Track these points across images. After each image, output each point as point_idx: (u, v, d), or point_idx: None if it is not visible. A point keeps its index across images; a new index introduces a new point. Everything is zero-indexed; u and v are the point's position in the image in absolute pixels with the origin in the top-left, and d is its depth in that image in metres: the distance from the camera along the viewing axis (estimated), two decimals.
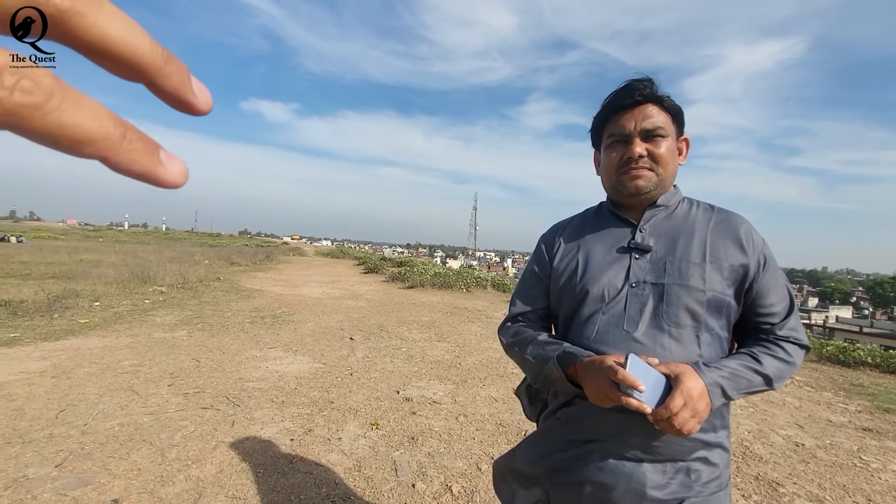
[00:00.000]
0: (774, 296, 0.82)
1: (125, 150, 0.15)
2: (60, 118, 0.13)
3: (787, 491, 2.21)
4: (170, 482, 1.97)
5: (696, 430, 0.72)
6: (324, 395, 3.14)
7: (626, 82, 0.85)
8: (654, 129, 0.82)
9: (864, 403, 3.62)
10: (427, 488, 2.07)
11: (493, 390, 3.44)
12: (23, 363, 3.47)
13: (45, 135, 0.13)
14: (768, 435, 2.88)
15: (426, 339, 5.10)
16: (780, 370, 0.79)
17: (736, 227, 0.84)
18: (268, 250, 22.43)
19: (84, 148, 0.14)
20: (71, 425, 2.46)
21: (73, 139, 0.14)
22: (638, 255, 0.85)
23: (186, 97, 0.17)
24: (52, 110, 0.13)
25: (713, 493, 0.80)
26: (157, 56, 0.16)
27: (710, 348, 0.80)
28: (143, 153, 0.15)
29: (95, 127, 0.14)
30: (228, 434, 2.46)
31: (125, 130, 0.15)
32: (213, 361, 3.79)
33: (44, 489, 1.86)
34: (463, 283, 10.02)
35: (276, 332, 5.05)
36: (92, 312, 5.51)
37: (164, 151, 0.16)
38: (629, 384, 0.68)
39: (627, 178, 0.84)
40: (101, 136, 0.14)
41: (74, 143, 0.14)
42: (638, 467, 0.78)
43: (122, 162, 0.15)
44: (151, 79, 0.16)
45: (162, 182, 0.16)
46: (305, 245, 53.97)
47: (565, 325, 0.91)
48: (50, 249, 16.23)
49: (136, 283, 7.87)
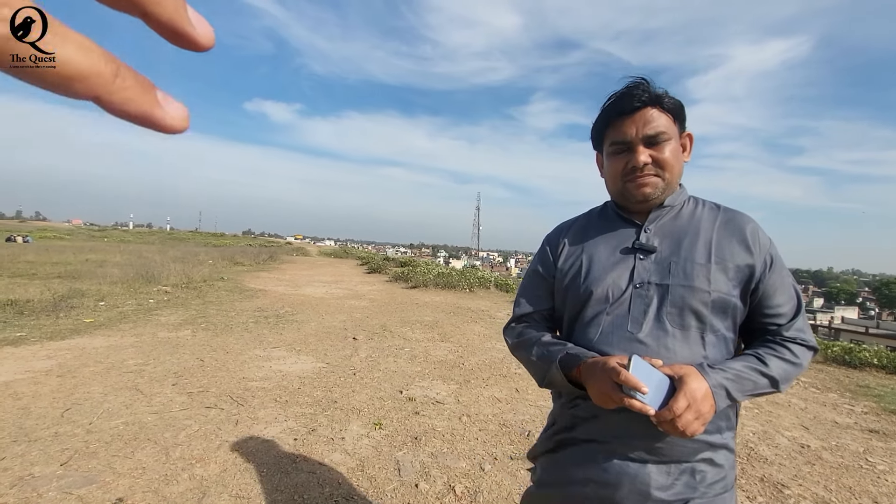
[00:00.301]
0: (781, 296, 0.81)
1: (119, 87, 0.14)
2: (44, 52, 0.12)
3: (792, 493, 2.20)
4: (174, 481, 1.98)
5: (700, 432, 0.72)
6: (327, 395, 3.14)
7: (624, 88, 0.84)
8: (657, 135, 0.81)
9: (871, 405, 3.59)
10: (430, 488, 2.07)
11: (496, 390, 3.44)
12: (29, 362, 3.50)
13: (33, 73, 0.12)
14: (773, 436, 2.86)
15: (429, 339, 5.10)
16: (786, 372, 0.78)
17: (742, 227, 0.83)
18: (271, 250, 22.50)
19: (74, 85, 0.13)
20: (76, 424, 2.47)
21: (63, 76, 0.13)
22: (642, 256, 0.84)
23: (183, 27, 0.15)
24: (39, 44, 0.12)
25: (718, 494, 0.79)
26: None
27: (715, 349, 0.79)
28: (139, 92, 0.14)
29: (86, 63, 0.13)
30: (232, 433, 2.47)
31: (117, 67, 0.14)
32: (217, 361, 3.81)
33: (49, 487, 1.88)
34: (466, 284, 10.02)
35: (280, 331, 5.06)
36: (97, 312, 5.55)
37: (160, 92, 0.15)
38: (632, 386, 0.68)
39: (634, 186, 0.84)
40: (92, 72, 0.13)
41: (65, 80, 0.13)
42: (642, 468, 0.78)
43: (116, 101, 0.14)
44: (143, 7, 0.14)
45: (161, 125, 0.15)
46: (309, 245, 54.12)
47: (569, 325, 0.90)
48: (55, 249, 16.35)
49: (141, 283, 7.91)
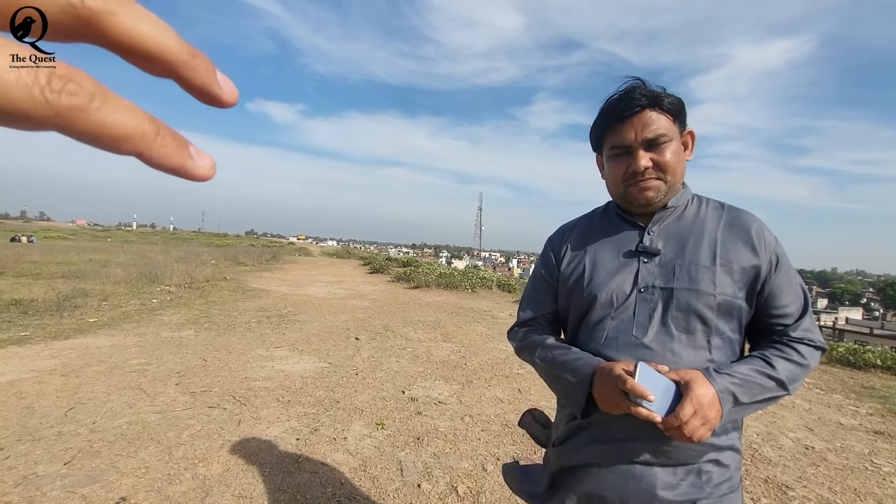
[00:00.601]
0: (787, 296, 0.80)
1: (159, 145, 0.16)
2: (102, 118, 0.14)
3: (796, 494, 2.19)
4: (177, 480, 1.99)
5: (707, 437, 0.71)
6: (329, 395, 3.14)
7: (621, 90, 0.82)
8: (657, 138, 0.80)
9: (876, 406, 3.57)
10: (432, 489, 2.06)
11: (498, 391, 3.43)
12: (33, 361, 3.51)
13: (88, 133, 0.14)
14: (777, 437, 2.84)
15: (431, 339, 5.09)
16: (793, 373, 0.78)
17: (747, 227, 0.82)
18: (274, 250, 22.55)
19: (122, 145, 0.15)
20: (80, 423, 2.48)
21: (113, 137, 0.15)
22: (646, 259, 0.83)
23: (213, 89, 0.18)
24: (95, 111, 0.14)
25: (724, 494, 0.79)
26: (184, 51, 0.16)
27: (721, 352, 0.79)
28: (175, 148, 0.16)
29: (132, 125, 0.15)
30: (235, 433, 2.47)
31: (158, 128, 0.16)
32: (220, 361, 3.82)
33: (53, 486, 1.88)
34: (468, 284, 10.01)
35: (282, 331, 5.07)
36: (100, 311, 5.57)
37: (193, 147, 0.17)
38: (638, 394, 0.68)
39: (636, 190, 0.82)
40: (137, 133, 0.15)
41: (114, 140, 0.15)
42: (648, 470, 0.78)
43: (157, 157, 0.16)
44: (179, 73, 0.17)
45: (192, 175, 0.17)
46: (311, 245, 54.21)
47: (574, 329, 0.90)
48: (60, 249, 16.43)
49: (144, 283, 7.94)
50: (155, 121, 0.16)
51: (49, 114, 0.13)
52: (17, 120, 0.13)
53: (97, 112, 0.14)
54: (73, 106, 0.14)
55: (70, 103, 0.13)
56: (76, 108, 0.14)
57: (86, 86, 0.14)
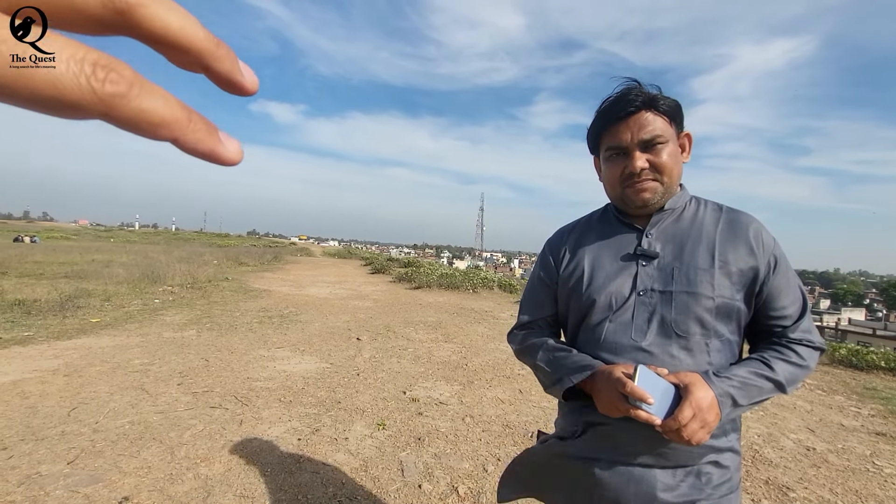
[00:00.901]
0: (786, 298, 0.81)
1: (192, 131, 0.17)
2: (141, 104, 0.15)
3: (797, 496, 2.18)
4: (179, 480, 1.99)
5: (705, 441, 0.72)
6: (331, 395, 3.15)
7: (617, 92, 0.83)
8: (653, 139, 0.80)
9: (878, 407, 3.56)
10: (433, 489, 2.07)
11: (499, 391, 3.43)
12: (36, 361, 3.53)
13: (129, 119, 0.15)
14: (779, 439, 2.84)
15: (433, 339, 5.10)
16: (792, 375, 0.78)
17: (745, 229, 0.82)
18: (276, 251, 22.59)
19: (160, 130, 0.16)
20: (83, 423, 2.49)
21: (152, 123, 0.15)
22: (645, 262, 0.83)
23: (236, 78, 0.18)
24: (135, 97, 0.15)
25: (724, 495, 0.79)
26: (211, 42, 0.17)
27: (719, 355, 0.79)
28: (206, 134, 0.17)
29: (168, 111, 0.16)
30: (236, 433, 2.48)
31: (190, 114, 0.17)
32: (222, 361, 3.83)
33: (56, 486, 1.89)
34: (469, 284, 10.02)
35: (284, 331, 5.08)
36: (103, 312, 5.59)
37: (222, 133, 0.18)
38: (638, 397, 0.68)
39: (632, 192, 0.82)
40: (173, 119, 0.16)
41: (153, 126, 0.16)
42: (648, 472, 0.78)
43: (190, 142, 0.17)
44: (206, 63, 0.17)
45: (222, 159, 0.18)
46: (313, 245, 54.27)
47: (573, 332, 0.90)
48: (62, 249, 16.48)
49: (147, 283, 7.96)
50: (187, 107, 0.17)
51: (95, 101, 0.14)
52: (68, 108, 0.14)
53: (137, 99, 0.15)
54: (116, 93, 0.14)
55: (114, 90, 0.14)
56: (118, 96, 0.14)
57: (126, 74, 0.15)
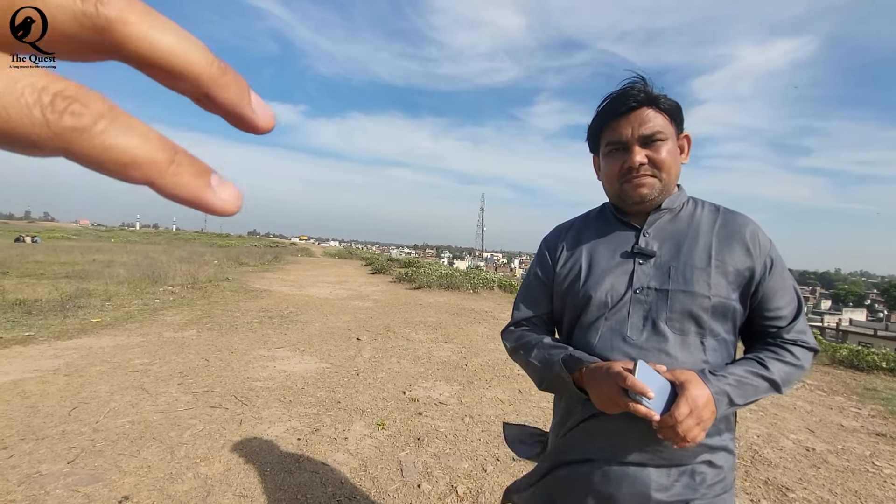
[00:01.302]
0: (781, 299, 0.81)
1: (171, 174, 0.14)
2: (105, 141, 0.13)
3: (797, 496, 2.18)
4: (179, 480, 2.00)
5: (700, 438, 0.72)
6: (330, 395, 3.16)
7: (620, 87, 0.83)
8: (653, 135, 0.80)
9: (878, 408, 3.56)
10: (432, 489, 2.07)
11: (499, 392, 3.44)
12: (37, 361, 3.54)
13: (91, 158, 0.13)
14: (778, 439, 2.84)
15: (433, 339, 5.10)
16: (787, 374, 0.78)
17: (741, 229, 0.82)
18: (276, 251, 22.61)
19: (130, 171, 0.14)
20: (83, 423, 2.50)
21: (119, 162, 0.13)
22: (641, 261, 0.83)
23: (244, 112, 0.16)
24: (98, 133, 0.13)
25: (718, 495, 0.79)
26: (213, 67, 0.15)
27: (715, 354, 0.79)
28: (192, 178, 0.15)
29: (141, 151, 0.14)
30: (236, 433, 2.49)
31: (174, 154, 0.14)
32: (222, 361, 3.83)
33: (56, 485, 1.90)
34: (470, 285, 10.02)
35: (284, 331, 5.09)
36: (104, 312, 5.60)
37: (216, 176, 0.16)
38: (638, 391, 0.68)
39: (630, 187, 0.83)
40: (147, 159, 0.14)
41: (120, 166, 0.13)
42: (642, 471, 0.78)
43: (168, 185, 0.14)
44: (207, 91, 0.15)
45: (211, 208, 0.16)
46: (313, 246, 54.31)
47: (569, 329, 0.90)
48: (63, 249, 16.51)
49: (147, 283, 7.97)
50: (172, 146, 0.14)
51: (49, 135, 0.12)
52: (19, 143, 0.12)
53: (101, 135, 0.13)
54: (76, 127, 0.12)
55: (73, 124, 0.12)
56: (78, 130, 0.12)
57: (94, 107, 0.13)
